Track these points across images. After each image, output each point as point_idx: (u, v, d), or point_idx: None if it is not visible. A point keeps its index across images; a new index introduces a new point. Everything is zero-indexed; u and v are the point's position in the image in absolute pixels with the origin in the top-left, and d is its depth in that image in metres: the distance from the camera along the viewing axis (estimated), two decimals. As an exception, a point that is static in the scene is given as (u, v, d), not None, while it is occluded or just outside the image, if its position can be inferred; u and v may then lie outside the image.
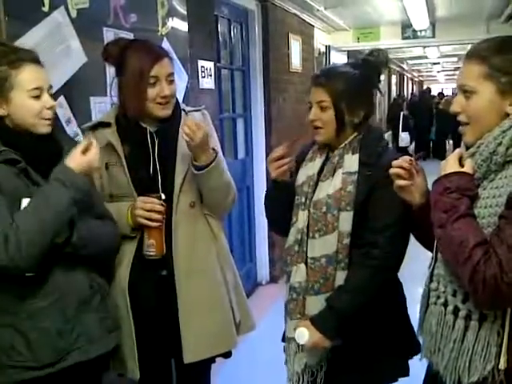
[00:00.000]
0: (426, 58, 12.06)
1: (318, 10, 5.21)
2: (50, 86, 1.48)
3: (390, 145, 7.60)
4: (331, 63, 6.05)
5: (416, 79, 23.32)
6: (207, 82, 3.27)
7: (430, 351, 1.32)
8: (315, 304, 1.63)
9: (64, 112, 1.97)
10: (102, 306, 1.54)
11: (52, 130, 1.48)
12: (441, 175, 1.28)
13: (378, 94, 1.94)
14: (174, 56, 2.78)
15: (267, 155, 4.66)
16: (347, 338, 1.61)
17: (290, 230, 1.72)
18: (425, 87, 24.20)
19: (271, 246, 4.65)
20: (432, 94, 16.13)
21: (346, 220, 1.58)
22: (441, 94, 17.21)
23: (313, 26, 5.71)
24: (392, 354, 1.67)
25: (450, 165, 1.28)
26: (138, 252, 1.73)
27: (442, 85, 25.71)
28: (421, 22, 5.87)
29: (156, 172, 1.74)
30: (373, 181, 1.58)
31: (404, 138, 10.83)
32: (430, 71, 19.19)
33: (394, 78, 14.63)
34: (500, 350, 1.19)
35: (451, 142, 13.05)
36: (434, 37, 6.48)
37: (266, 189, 1.90)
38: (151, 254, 1.70)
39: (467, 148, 1.31)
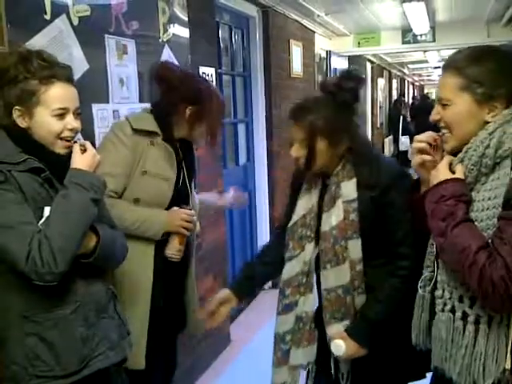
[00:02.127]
0: (427, 62, 12.06)
1: (318, 15, 5.23)
2: (78, 107, 1.47)
3: (392, 148, 7.60)
4: (332, 68, 6.06)
5: (417, 83, 23.32)
6: (208, 88, 3.27)
7: (442, 358, 1.31)
8: (338, 331, 1.64)
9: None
10: (116, 311, 1.56)
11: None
12: (433, 184, 1.30)
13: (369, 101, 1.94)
14: (176, 63, 2.81)
15: (268, 160, 4.72)
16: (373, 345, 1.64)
17: (286, 262, 1.72)
18: (426, 91, 24.22)
19: (273, 251, 4.64)
20: (432, 98, 16.11)
21: (355, 248, 1.59)
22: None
23: (313, 32, 5.73)
24: (409, 357, 1.66)
25: (442, 173, 1.29)
26: (156, 254, 1.92)
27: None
28: (421, 26, 5.88)
29: (187, 187, 2.02)
30: (378, 200, 1.58)
31: (404, 141, 10.85)
32: (431, 75, 19.19)
33: (394, 83, 14.65)
34: (507, 350, 1.20)
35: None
36: (434, 41, 6.49)
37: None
38: (178, 257, 1.94)
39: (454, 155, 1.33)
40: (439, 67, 14.84)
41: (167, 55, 2.74)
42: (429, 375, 1.68)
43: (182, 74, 1.97)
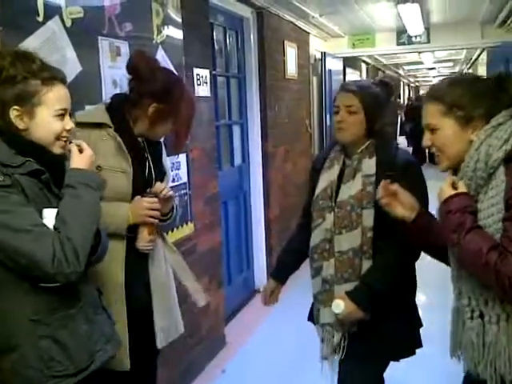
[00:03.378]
0: (422, 63, 12.11)
1: (313, 17, 5.24)
2: (71, 109, 1.49)
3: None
4: (327, 69, 6.07)
5: (412, 84, 23.40)
6: (203, 90, 3.27)
7: (475, 363, 1.39)
8: (343, 291, 1.86)
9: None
10: (103, 307, 1.58)
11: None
12: (442, 201, 1.41)
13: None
14: (170, 64, 2.80)
15: (263, 161, 4.73)
16: (374, 312, 1.84)
17: (313, 230, 1.95)
18: (421, 92, 24.30)
19: (269, 252, 4.65)
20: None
21: (368, 216, 1.82)
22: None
23: (308, 33, 5.74)
24: (408, 325, 1.94)
25: (445, 191, 1.41)
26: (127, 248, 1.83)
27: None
28: (415, 27, 5.90)
29: (151, 175, 1.91)
30: (394, 180, 1.73)
31: (401, 142, 10.92)
32: (426, 76, 19.25)
33: (390, 84, 14.67)
34: None
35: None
36: (428, 42, 6.51)
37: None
38: (150, 247, 1.86)
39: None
40: (434, 68, 14.90)
41: (161, 57, 2.73)
42: (418, 351, 1.96)
43: (155, 68, 1.88)
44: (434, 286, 4.54)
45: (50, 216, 1.35)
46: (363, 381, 1.93)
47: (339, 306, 1.84)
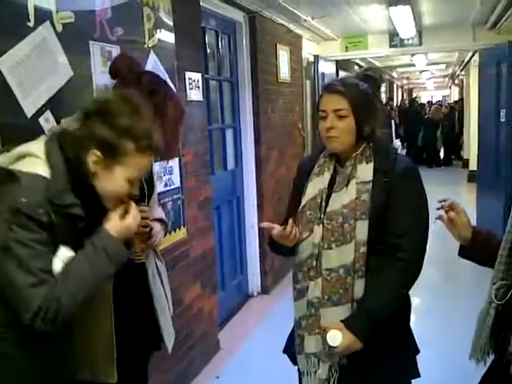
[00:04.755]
0: (414, 65, 12.15)
1: (305, 20, 5.24)
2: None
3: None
4: (320, 72, 6.07)
5: (405, 87, 23.49)
6: (195, 94, 3.26)
7: None
8: (332, 315, 1.65)
9: (50, 126, 1.95)
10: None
11: None
12: None
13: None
14: (162, 68, 2.79)
15: (257, 165, 4.72)
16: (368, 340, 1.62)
17: (297, 245, 1.74)
18: (414, 95, 24.40)
19: (263, 257, 4.64)
20: (421, 102, 16.23)
21: (362, 229, 1.62)
22: (430, 103, 17.36)
23: (301, 37, 5.74)
24: (405, 353, 1.74)
25: None
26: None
27: (431, 92, 25.91)
28: (407, 30, 5.92)
29: (143, 186, 1.81)
30: (390, 187, 1.64)
31: (397, 145, 10.97)
32: (419, 78, 19.34)
33: (383, 86, 14.73)
34: None
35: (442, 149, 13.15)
36: (420, 45, 6.53)
37: (268, 244, 1.89)
38: (142, 257, 1.80)
39: None
40: (427, 70, 14.97)
41: (153, 61, 2.72)
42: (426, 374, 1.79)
43: (138, 71, 1.80)
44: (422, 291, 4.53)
45: (63, 257, 1.31)
46: None
47: (336, 337, 1.59)
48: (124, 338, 1.72)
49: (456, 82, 16.98)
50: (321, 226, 1.68)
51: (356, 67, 9.50)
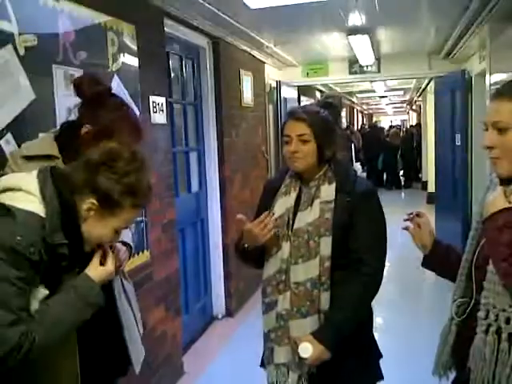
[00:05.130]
0: (374, 91, 12.50)
1: (267, 46, 5.36)
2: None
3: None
4: (282, 98, 6.19)
5: (366, 112, 24.07)
6: (159, 117, 3.29)
7: (483, 380, 1.36)
8: (301, 326, 1.77)
9: (11, 149, 1.94)
10: None
11: None
12: (492, 212, 1.36)
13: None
14: (126, 92, 2.81)
15: (221, 188, 4.74)
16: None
17: (266, 261, 1.86)
18: (374, 119, 25.03)
19: (227, 279, 4.63)
20: (381, 126, 16.63)
21: (326, 245, 1.75)
22: (390, 127, 17.83)
23: (263, 62, 5.86)
24: (368, 358, 1.88)
25: (500, 202, 1.36)
26: None
27: (390, 117, 26.63)
28: (366, 58, 6.11)
29: None
30: (352, 206, 1.77)
31: (357, 168, 11.18)
32: (379, 104, 19.87)
33: (344, 111, 15.07)
34: None
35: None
36: (379, 72, 6.74)
37: (236, 247, 1.98)
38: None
39: (501, 181, 1.42)
40: (386, 96, 15.41)
41: (116, 84, 2.74)
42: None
43: (103, 90, 1.73)
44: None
45: (40, 295, 1.31)
46: None
47: (307, 349, 1.72)
48: (89, 363, 1.66)
49: (414, 107, 17.54)
50: (288, 242, 1.80)
51: (317, 92, 9.72)
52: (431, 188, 9.24)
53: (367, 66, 6.67)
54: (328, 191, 1.80)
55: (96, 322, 1.69)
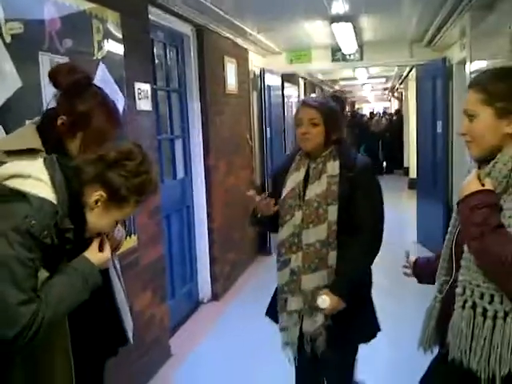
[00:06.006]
0: (356, 79, 12.56)
1: (250, 34, 5.38)
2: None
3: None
4: (266, 85, 6.23)
5: (348, 100, 24.12)
6: (144, 104, 3.32)
7: (462, 351, 1.45)
8: (311, 280, 2.10)
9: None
10: None
11: None
12: (465, 194, 1.45)
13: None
14: (111, 79, 2.84)
15: (206, 174, 4.79)
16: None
17: (280, 227, 2.17)
18: (356, 107, 25.11)
19: (212, 263, 4.70)
20: (362, 113, 16.67)
21: (332, 212, 2.08)
22: (372, 114, 17.90)
23: (247, 50, 5.88)
24: (370, 312, 2.22)
25: (473, 184, 1.45)
26: None
27: (372, 104, 26.75)
28: (349, 45, 6.16)
29: None
30: (354, 180, 2.08)
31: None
32: (361, 91, 19.95)
33: (327, 98, 15.10)
34: None
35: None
36: (361, 59, 6.80)
37: (250, 218, 2.29)
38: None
39: (478, 163, 1.52)
40: (368, 84, 15.49)
41: (102, 72, 2.76)
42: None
43: (73, 81, 1.66)
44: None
45: (41, 277, 1.37)
46: (344, 367, 2.22)
47: (325, 301, 2.04)
48: (81, 341, 1.69)
49: (395, 94, 17.66)
50: (300, 210, 2.12)
51: (300, 80, 9.75)
52: (413, 174, 9.38)
53: (350, 54, 6.72)
54: (333, 167, 2.10)
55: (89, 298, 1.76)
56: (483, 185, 1.44)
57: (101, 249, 1.52)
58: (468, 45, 4.68)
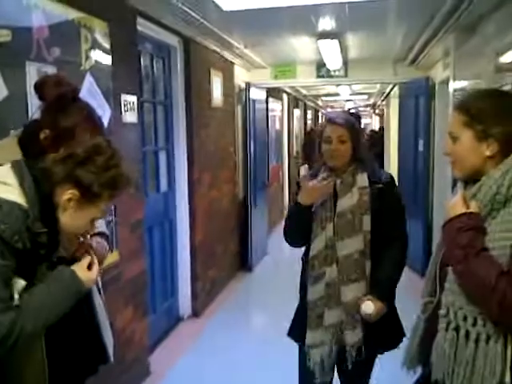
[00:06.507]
0: (339, 95, 12.66)
1: (237, 48, 5.37)
2: None
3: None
4: (251, 99, 6.22)
5: (330, 114, 24.27)
6: (130, 116, 3.27)
7: (444, 373, 1.45)
8: (352, 290, 2.13)
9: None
10: None
11: None
12: (451, 217, 1.46)
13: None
14: (98, 90, 2.79)
15: (189, 188, 4.74)
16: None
17: (312, 241, 2.19)
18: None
19: (194, 280, 4.63)
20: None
21: (367, 222, 2.15)
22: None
23: (233, 63, 5.88)
24: (398, 321, 2.28)
25: (458, 207, 1.46)
26: None
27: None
28: (334, 62, 6.20)
29: None
30: (382, 192, 2.18)
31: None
32: (343, 107, 20.14)
33: (309, 114, 15.22)
34: (505, 365, 1.36)
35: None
36: (346, 76, 6.85)
37: (288, 215, 2.35)
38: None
39: (465, 183, 1.55)
40: (350, 100, 15.65)
41: (89, 82, 2.71)
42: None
43: (58, 94, 1.64)
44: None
45: (18, 287, 1.32)
46: (367, 375, 2.27)
47: (370, 306, 2.08)
48: (58, 361, 1.64)
49: (377, 111, 17.88)
50: (332, 223, 2.16)
51: (284, 95, 9.79)
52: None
53: (335, 70, 6.76)
54: (363, 179, 2.19)
55: (66, 316, 1.64)
56: (468, 207, 1.44)
57: (89, 268, 1.47)
58: (452, 64, 4.75)
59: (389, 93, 10.48)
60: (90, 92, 2.66)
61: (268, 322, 4.64)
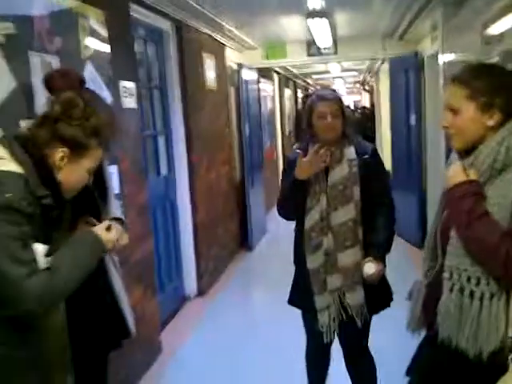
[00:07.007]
0: (329, 72, 12.69)
1: (229, 30, 5.41)
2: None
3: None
4: (243, 80, 6.27)
5: (320, 93, 24.20)
6: (129, 102, 3.32)
7: (450, 332, 1.54)
8: (348, 256, 2.26)
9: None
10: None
11: None
12: (453, 184, 1.54)
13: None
14: (98, 78, 2.84)
15: (189, 170, 4.81)
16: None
17: (307, 213, 2.29)
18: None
19: (198, 259, 4.74)
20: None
21: (356, 191, 2.28)
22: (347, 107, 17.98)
23: (224, 45, 5.91)
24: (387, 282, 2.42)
25: (459, 175, 1.53)
26: None
27: (343, 97, 27.01)
28: (324, 40, 6.24)
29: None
30: (367, 163, 2.31)
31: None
32: (333, 85, 20.13)
33: (299, 93, 15.23)
34: (508, 321, 1.45)
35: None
36: (336, 53, 6.90)
37: (283, 192, 2.40)
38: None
39: (459, 156, 1.61)
40: (340, 77, 15.66)
41: (90, 71, 2.77)
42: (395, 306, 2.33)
43: (66, 86, 1.74)
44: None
45: (42, 251, 1.37)
46: (366, 331, 2.40)
47: (371, 267, 2.21)
48: (81, 336, 1.74)
49: (366, 87, 17.90)
50: (325, 194, 2.27)
51: (275, 74, 9.82)
52: (387, 165, 9.54)
53: (325, 48, 6.81)
54: (350, 151, 2.30)
55: (87, 292, 1.71)
56: (468, 175, 1.52)
57: (108, 230, 1.56)
58: (440, 38, 4.81)
59: (378, 68, 10.52)
60: (90, 80, 2.72)
61: (271, 297, 4.76)
